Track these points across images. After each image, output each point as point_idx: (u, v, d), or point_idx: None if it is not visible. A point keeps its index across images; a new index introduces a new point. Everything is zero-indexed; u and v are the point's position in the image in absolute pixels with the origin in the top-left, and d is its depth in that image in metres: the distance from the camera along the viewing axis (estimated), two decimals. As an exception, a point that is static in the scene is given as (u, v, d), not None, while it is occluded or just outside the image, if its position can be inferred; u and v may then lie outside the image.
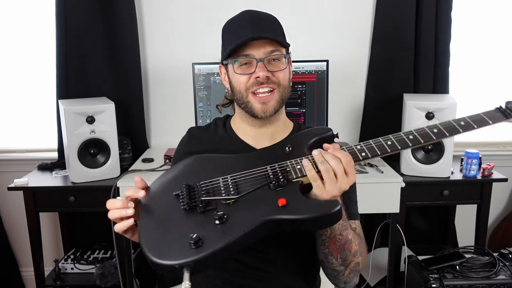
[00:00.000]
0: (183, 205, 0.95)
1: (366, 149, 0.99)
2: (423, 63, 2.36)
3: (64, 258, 2.34)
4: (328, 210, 0.90)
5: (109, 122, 2.08)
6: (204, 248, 0.86)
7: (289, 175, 0.98)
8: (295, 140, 1.09)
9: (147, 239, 0.91)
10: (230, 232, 0.88)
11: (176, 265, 0.85)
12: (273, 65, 1.13)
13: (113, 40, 2.34)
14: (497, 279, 1.91)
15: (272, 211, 0.90)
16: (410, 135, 1.00)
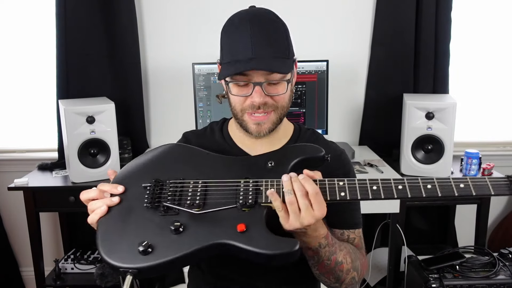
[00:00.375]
0: (145, 203, 0.95)
1: (347, 189, 0.91)
2: (423, 63, 2.36)
3: (64, 258, 2.34)
4: (284, 250, 0.84)
5: (109, 122, 2.08)
6: (152, 257, 0.85)
7: (258, 197, 0.93)
8: (280, 155, 1.02)
9: (103, 233, 0.92)
10: (181, 247, 0.86)
11: (120, 268, 0.85)
12: (272, 88, 1.03)
13: (113, 40, 2.34)
14: (497, 279, 1.91)
15: (228, 235, 0.87)
16: (400, 185, 0.90)
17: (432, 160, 2.11)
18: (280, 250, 0.84)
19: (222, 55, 1.07)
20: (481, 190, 0.88)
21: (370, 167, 2.13)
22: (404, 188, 0.90)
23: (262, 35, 1.00)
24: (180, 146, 1.11)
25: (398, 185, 0.90)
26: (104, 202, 0.97)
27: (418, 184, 0.90)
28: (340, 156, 1.17)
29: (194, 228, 0.89)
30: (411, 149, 2.11)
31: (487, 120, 2.63)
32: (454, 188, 0.89)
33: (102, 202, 0.97)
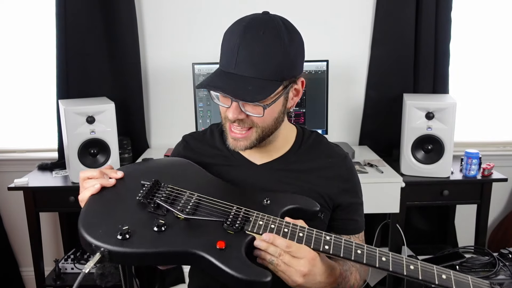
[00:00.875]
0: (138, 196, 0.96)
1: (332, 244, 0.91)
2: (423, 63, 2.36)
3: (64, 258, 2.34)
4: (255, 278, 0.83)
5: (109, 122, 2.08)
6: (126, 244, 0.85)
7: (246, 224, 0.93)
8: (278, 197, 1.02)
9: (89, 208, 0.93)
10: (157, 244, 0.86)
11: (93, 244, 0.85)
12: (250, 107, 0.99)
13: (113, 40, 2.34)
14: (497, 279, 1.91)
15: (204, 247, 0.86)
16: (383, 257, 0.89)
17: (432, 160, 2.11)
18: (251, 277, 0.83)
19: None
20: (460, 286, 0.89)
21: (370, 167, 2.14)
22: (387, 261, 0.89)
23: (250, 51, 0.96)
24: (189, 163, 1.12)
25: (382, 257, 0.89)
26: (99, 181, 0.97)
27: (401, 262, 0.88)
28: (344, 159, 1.16)
29: (176, 232, 0.90)
30: (411, 149, 2.12)
31: (487, 120, 2.63)
32: (435, 276, 0.88)
33: (97, 180, 0.97)
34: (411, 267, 0.88)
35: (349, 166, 1.17)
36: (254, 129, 1.03)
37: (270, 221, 0.93)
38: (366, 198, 1.21)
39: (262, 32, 0.97)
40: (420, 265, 0.88)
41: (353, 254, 0.89)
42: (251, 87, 0.94)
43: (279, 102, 1.02)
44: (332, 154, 1.16)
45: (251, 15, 1.03)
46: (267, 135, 1.06)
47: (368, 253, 0.89)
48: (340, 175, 1.13)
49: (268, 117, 1.02)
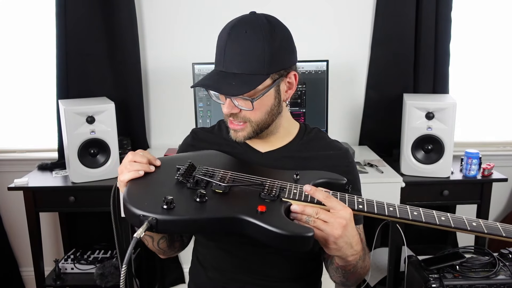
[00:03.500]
0: (177, 176, 1.01)
1: (365, 203, 0.97)
2: (423, 63, 2.36)
3: (64, 258, 2.34)
4: (297, 232, 0.87)
5: (109, 122, 2.08)
6: (172, 212, 0.89)
7: (282, 193, 0.98)
8: (305, 173, 1.08)
9: (132, 187, 0.98)
10: (201, 212, 0.91)
11: (140, 215, 0.88)
12: (242, 101, 1.07)
13: (113, 40, 2.34)
14: (497, 279, 1.91)
15: (247, 212, 0.91)
16: (415, 212, 0.98)
17: (432, 160, 2.11)
18: (295, 232, 0.87)
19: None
20: (494, 231, 0.92)
21: (370, 167, 2.13)
22: (419, 214, 0.97)
23: (235, 48, 1.04)
24: (219, 153, 1.18)
25: (414, 211, 0.97)
26: (143, 167, 1.02)
27: (432, 214, 0.98)
28: (346, 153, 1.21)
29: (217, 201, 0.95)
30: (411, 149, 2.11)
31: (487, 120, 2.63)
32: (466, 224, 0.93)
33: (141, 166, 1.02)
34: (442, 218, 0.96)
35: (350, 160, 1.21)
36: (248, 124, 1.10)
37: (303, 190, 0.97)
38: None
39: (245, 31, 1.04)
40: (450, 216, 0.95)
41: (386, 210, 0.96)
42: (235, 82, 1.02)
43: (269, 95, 1.07)
44: (333, 148, 1.21)
45: (239, 16, 1.10)
46: (264, 127, 1.12)
47: (400, 209, 0.97)
48: (341, 167, 1.16)
49: (259, 111, 1.08)
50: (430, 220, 0.95)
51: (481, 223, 0.93)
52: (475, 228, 0.92)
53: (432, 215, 0.96)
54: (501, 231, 0.91)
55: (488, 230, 0.91)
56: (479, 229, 0.92)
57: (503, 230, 0.91)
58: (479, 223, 0.93)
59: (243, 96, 1.04)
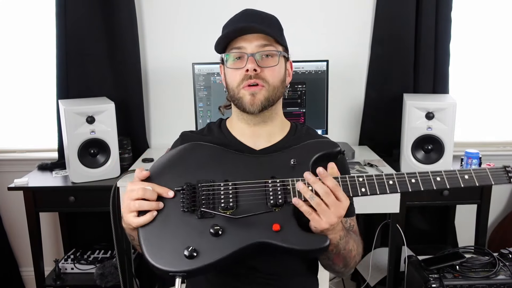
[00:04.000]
0: (182, 208, 0.99)
1: (367, 185, 0.99)
2: (423, 63, 2.36)
3: (64, 258, 2.34)
4: (315, 246, 0.94)
5: (109, 122, 2.08)
6: (198, 261, 0.91)
7: (288, 197, 0.99)
8: (301, 152, 1.08)
9: (146, 238, 0.96)
10: (224, 248, 0.93)
11: (170, 272, 0.91)
12: (264, 61, 1.12)
13: (113, 40, 2.34)
14: (497, 279, 1.91)
15: (265, 235, 0.94)
16: (413, 179, 0.99)
17: (432, 160, 2.11)
18: (313, 247, 0.93)
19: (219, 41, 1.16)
20: (484, 181, 0.99)
21: (370, 167, 2.13)
22: (417, 181, 0.99)
23: (256, 15, 1.14)
24: (201, 145, 1.13)
25: (412, 179, 0.99)
26: (152, 207, 0.98)
27: (428, 177, 0.99)
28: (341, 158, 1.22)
29: (233, 230, 0.96)
30: (411, 149, 2.11)
31: (487, 120, 2.63)
32: (460, 180, 0.99)
33: (149, 206, 0.98)
34: (437, 179, 0.98)
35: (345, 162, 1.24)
36: (265, 87, 1.11)
37: (306, 184, 0.97)
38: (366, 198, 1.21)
39: (263, 11, 1.16)
40: (444, 175, 0.98)
41: (387, 187, 0.98)
42: (271, 29, 1.11)
43: (281, 65, 1.14)
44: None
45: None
46: (274, 98, 1.14)
47: (399, 181, 0.99)
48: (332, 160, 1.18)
49: (276, 76, 1.13)
50: (427, 187, 0.98)
51: (472, 174, 0.99)
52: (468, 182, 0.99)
53: (428, 179, 0.99)
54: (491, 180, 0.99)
55: (479, 182, 0.99)
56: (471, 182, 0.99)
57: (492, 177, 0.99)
58: (471, 175, 0.99)
59: (274, 48, 1.11)
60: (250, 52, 1.10)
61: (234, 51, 1.12)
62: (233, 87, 1.14)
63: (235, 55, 1.13)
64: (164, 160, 1.10)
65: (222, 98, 1.36)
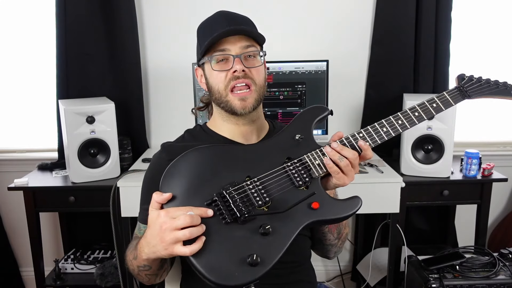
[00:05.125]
0: (224, 220, 0.95)
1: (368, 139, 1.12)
2: (423, 63, 2.36)
3: (64, 258, 2.34)
4: (355, 208, 1.01)
5: (109, 122, 2.08)
6: (263, 264, 0.92)
7: (311, 173, 1.04)
8: (299, 125, 1.12)
9: (204, 263, 0.92)
10: (280, 244, 0.95)
11: (244, 285, 0.91)
12: (248, 61, 1.13)
13: (113, 40, 2.34)
14: (497, 279, 1.91)
15: (310, 216, 0.99)
16: (399, 120, 1.11)
17: (432, 160, 2.11)
18: (353, 210, 1.01)
19: (199, 46, 1.17)
20: (447, 105, 1.18)
21: (370, 167, 2.13)
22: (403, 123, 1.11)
23: (236, 18, 1.16)
24: (205, 148, 1.06)
25: (398, 120, 1.11)
26: (200, 232, 0.92)
27: (409, 114, 1.12)
28: None
29: (279, 224, 0.97)
30: (411, 149, 2.11)
31: (487, 120, 2.63)
32: (431, 109, 1.16)
33: (198, 231, 0.91)
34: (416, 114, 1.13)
35: None
36: (253, 88, 1.13)
37: (322, 155, 1.05)
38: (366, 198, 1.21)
39: (236, 12, 1.19)
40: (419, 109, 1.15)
41: (383, 134, 1.11)
42: (251, 28, 1.14)
43: (263, 65, 1.17)
44: None
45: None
46: (261, 97, 1.17)
47: (390, 125, 1.11)
48: None
49: (261, 76, 1.16)
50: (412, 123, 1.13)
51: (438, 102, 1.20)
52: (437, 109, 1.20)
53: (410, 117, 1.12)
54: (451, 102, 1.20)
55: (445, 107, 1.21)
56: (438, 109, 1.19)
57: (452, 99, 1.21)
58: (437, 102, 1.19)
59: (256, 48, 1.14)
60: (235, 54, 1.11)
61: (218, 53, 1.12)
62: (219, 89, 1.13)
63: (220, 57, 1.12)
64: (173, 174, 1.01)
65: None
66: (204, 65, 1.17)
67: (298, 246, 1.20)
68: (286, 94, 2.21)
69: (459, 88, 1.18)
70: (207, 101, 1.30)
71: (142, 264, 1.04)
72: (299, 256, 1.22)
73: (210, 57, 1.13)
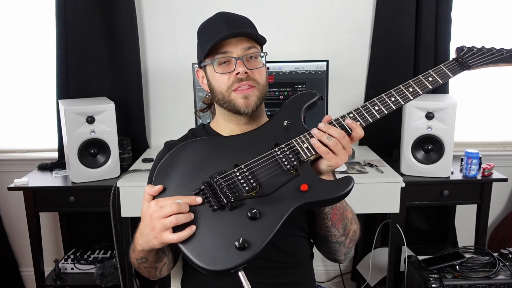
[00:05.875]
0: (212, 207, 0.97)
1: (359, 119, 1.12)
2: (423, 63, 2.36)
3: (64, 258, 2.34)
4: (346, 188, 0.98)
5: (109, 122, 2.08)
6: (251, 248, 0.92)
7: (300, 156, 1.02)
8: (287, 111, 1.12)
9: (192, 250, 0.93)
10: (268, 228, 0.94)
11: (231, 269, 0.91)
12: (250, 63, 1.14)
13: (113, 40, 2.34)
14: (497, 279, 1.91)
15: (299, 198, 0.97)
16: (392, 97, 1.15)
17: (432, 160, 2.11)
18: (344, 190, 0.97)
19: (200, 48, 1.18)
20: (444, 78, 1.12)
21: (370, 167, 2.13)
22: (396, 99, 1.15)
23: (236, 19, 1.16)
24: (193, 142, 1.10)
25: (391, 97, 1.13)
26: (188, 218, 0.94)
27: (402, 90, 1.16)
28: None
29: (268, 208, 0.97)
30: (411, 149, 2.11)
31: (487, 120, 2.63)
32: (427, 83, 1.14)
33: (186, 218, 0.94)
34: (410, 89, 1.16)
35: None
36: (256, 87, 1.14)
37: (310, 137, 1.04)
38: (366, 198, 1.22)
39: (236, 13, 1.19)
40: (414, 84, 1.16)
41: (375, 113, 1.12)
42: (252, 30, 1.15)
43: (264, 66, 1.18)
44: None
45: None
46: (263, 96, 1.17)
47: (382, 103, 1.13)
48: None
49: (263, 76, 1.16)
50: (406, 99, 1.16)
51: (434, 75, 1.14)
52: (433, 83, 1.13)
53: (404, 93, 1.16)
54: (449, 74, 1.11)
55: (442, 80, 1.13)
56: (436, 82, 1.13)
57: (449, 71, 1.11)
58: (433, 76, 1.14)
59: (257, 50, 1.14)
60: (237, 56, 1.12)
61: (220, 56, 1.12)
62: (221, 91, 1.14)
63: (222, 59, 1.13)
64: (165, 169, 1.05)
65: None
66: (206, 67, 1.17)
67: (294, 247, 1.20)
68: (286, 94, 2.21)
69: (457, 60, 1.12)
70: (209, 102, 1.31)
71: (139, 256, 1.06)
72: (296, 257, 1.21)
73: (212, 59, 1.13)
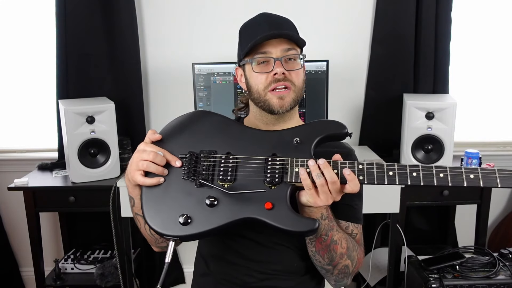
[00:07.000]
0: (183, 175, 1.03)
1: (365, 173, 0.96)
2: (423, 63, 2.36)
3: (64, 258, 2.34)
4: (305, 228, 0.95)
5: (109, 122, 2.08)
6: (191, 228, 0.97)
7: (284, 177, 1.00)
8: (306, 131, 1.08)
9: (147, 200, 1.02)
10: (216, 219, 0.98)
11: (164, 235, 0.98)
12: (288, 64, 1.16)
13: (113, 40, 2.34)
14: (497, 279, 1.91)
15: (257, 212, 0.97)
16: (414, 172, 0.94)
17: (432, 160, 2.11)
18: (302, 229, 0.95)
19: (241, 48, 1.20)
20: (489, 183, 0.92)
21: (370, 167, 2.13)
22: (418, 176, 0.94)
23: (278, 20, 1.18)
24: (210, 114, 1.15)
25: (413, 172, 0.94)
26: (158, 171, 1.02)
27: (431, 172, 0.94)
28: (350, 152, 1.23)
29: (227, 203, 0.99)
30: (411, 149, 2.12)
31: (487, 120, 2.63)
32: (464, 178, 0.93)
33: (156, 169, 1.02)
34: (440, 175, 0.94)
35: (354, 159, 1.20)
36: (292, 89, 1.16)
37: (305, 166, 0.99)
38: (366, 198, 1.21)
39: (278, 14, 1.20)
40: (449, 171, 0.93)
41: (386, 179, 0.95)
42: (292, 32, 1.18)
43: (303, 67, 1.20)
44: (338, 146, 1.21)
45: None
46: (299, 98, 1.18)
47: (399, 173, 0.95)
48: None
49: (300, 77, 1.18)
50: (428, 182, 0.94)
51: (479, 175, 0.92)
52: (472, 182, 0.92)
53: (431, 174, 0.94)
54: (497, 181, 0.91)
55: (484, 183, 0.92)
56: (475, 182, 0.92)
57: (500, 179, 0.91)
58: (477, 175, 0.92)
59: (296, 51, 1.18)
60: (276, 57, 1.14)
61: (260, 55, 1.14)
62: (258, 90, 1.16)
63: (261, 59, 1.15)
64: (174, 125, 1.13)
65: (223, 97, 1.37)
66: (245, 66, 1.19)
67: (277, 256, 1.18)
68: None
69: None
70: (246, 101, 1.32)
71: (129, 197, 1.13)
72: (280, 266, 1.18)
73: (252, 59, 1.15)
